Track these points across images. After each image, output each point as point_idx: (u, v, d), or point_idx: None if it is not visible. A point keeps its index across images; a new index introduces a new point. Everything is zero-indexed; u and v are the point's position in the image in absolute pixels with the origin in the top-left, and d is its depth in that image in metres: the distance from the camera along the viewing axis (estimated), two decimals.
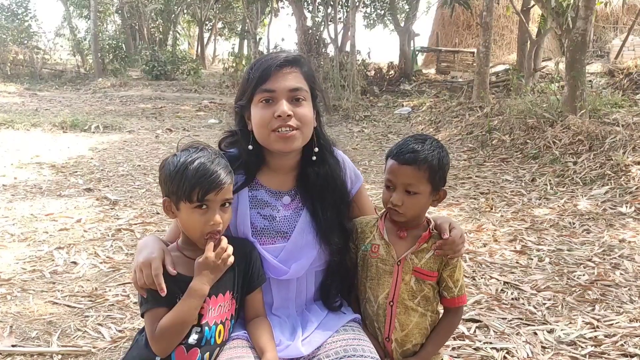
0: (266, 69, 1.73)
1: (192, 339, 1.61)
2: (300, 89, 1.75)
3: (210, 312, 1.64)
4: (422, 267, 1.79)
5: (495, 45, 20.00)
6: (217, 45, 35.77)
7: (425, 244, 1.79)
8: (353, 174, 1.98)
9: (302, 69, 1.79)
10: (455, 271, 1.81)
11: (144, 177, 6.84)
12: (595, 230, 4.72)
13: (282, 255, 1.79)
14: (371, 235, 1.87)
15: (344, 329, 1.79)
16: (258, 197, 1.84)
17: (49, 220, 4.93)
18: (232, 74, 19.77)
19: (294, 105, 1.73)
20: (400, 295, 1.79)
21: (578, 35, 7.99)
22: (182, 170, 1.60)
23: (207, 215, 1.61)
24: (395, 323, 1.80)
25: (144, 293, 1.61)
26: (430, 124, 10.96)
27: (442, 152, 1.78)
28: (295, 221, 1.83)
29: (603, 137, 6.87)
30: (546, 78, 13.46)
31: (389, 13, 21.41)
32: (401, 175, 1.75)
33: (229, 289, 1.70)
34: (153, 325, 1.58)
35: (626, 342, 2.88)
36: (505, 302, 3.39)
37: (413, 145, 1.76)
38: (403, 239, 1.82)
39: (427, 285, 1.80)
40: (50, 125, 10.50)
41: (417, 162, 1.73)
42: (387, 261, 1.81)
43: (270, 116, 1.72)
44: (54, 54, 25.13)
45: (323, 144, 1.87)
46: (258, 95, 1.74)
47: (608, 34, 18.37)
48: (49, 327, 3.06)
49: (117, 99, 15.92)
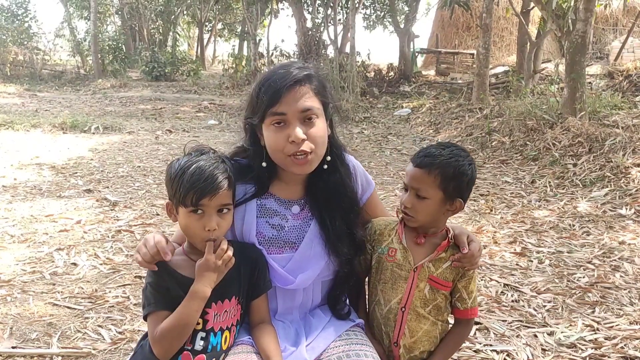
0: (277, 91, 1.68)
1: (198, 345, 1.60)
2: (312, 107, 1.70)
3: (215, 317, 1.63)
4: (438, 277, 1.78)
5: (495, 47, 20.02)
6: (216, 46, 35.86)
7: (443, 253, 1.78)
8: (365, 180, 1.95)
9: (312, 85, 1.73)
10: (470, 282, 1.81)
11: (144, 178, 6.83)
12: (595, 233, 4.72)
13: (289, 265, 1.77)
14: (389, 239, 1.85)
15: (346, 334, 1.78)
16: (267, 206, 1.81)
17: (48, 222, 4.93)
18: (232, 75, 19.79)
19: (306, 126, 1.69)
20: (413, 302, 1.78)
21: (578, 37, 8.00)
22: (180, 174, 1.60)
23: (202, 221, 1.59)
24: (405, 329, 1.79)
25: (154, 267, 1.61)
26: (430, 126, 10.97)
27: (462, 161, 1.73)
28: (304, 231, 1.81)
29: (603, 139, 6.87)
30: (546, 80, 13.46)
31: (389, 14, 21.44)
32: (412, 177, 1.75)
33: (235, 294, 1.68)
34: (155, 328, 1.57)
35: (626, 345, 2.88)
36: (505, 304, 3.39)
37: (432, 150, 1.75)
38: (420, 245, 1.80)
39: (440, 295, 1.79)
40: (50, 126, 10.49)
41: (429, 167, 1.72)
42: (404, 266, 1.79)
43: (285, 141, 1.67)
44: (54, 54, 25.17)
45: (336, 153, 1.84)
46: (269, 118, 1.70)
47: (608, 35, 18.37)
48: (49, 328, 3.06)
49: (117, 100, 15.92)
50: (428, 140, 9.76)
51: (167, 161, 7.85)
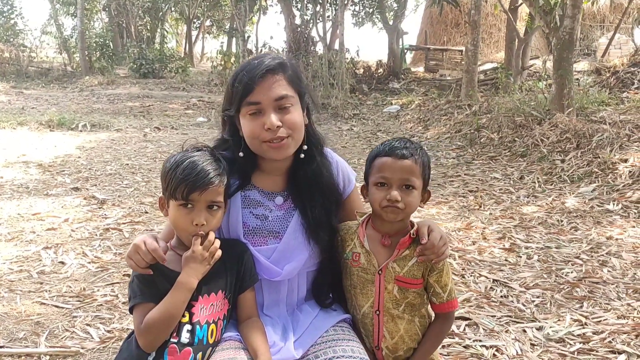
0: (250, 81, 1.70)
1: (184, 337, 1.61)
2: (286, 96, 1.72)
3: (201, 310, 1.64)
4: (404, 276, 1.74)
5: (484, 44, 20.11)
6: (205, 43, 35.71)
7: (406, 250, 1.75)
8: (346, 178, 1.96)
9: (286, 74, 1.76)
10: (442, 276, 1.75)
11: (132, 176, 6.80)
12: (583, 228, 4.75)
13: (274, 257, 1.79)
14: (352, 243, 1.83)
15: (334, 329, 1.78)
16: (251, 197, 1.84)
17: (36, 220, 4.89)
18: (221, 72, 19.71)
19: (281, 113, 1.71)
20: (385, 305, 1.76)
21: (565, 33, 8.04)
22: (173, 168, 1.63)
23: (191, 215, 1.61)
24: (384, 332, 1.77)
25: (149, 272, 1.61)
26: (419, 122, 10.99)
27: (424, 150, 1.80)
28: (287, 221, 1.82)
29: (590, 135, 6.91)
30: (534, 76, 13.54)
31: (378, 11, 21.46)
32: (399, 170, 1.71)
33: (221, 289, 1.70)
34: (140, 319, 1.59)
35: (614, 339, 2.90)
36: (495, 299, 3.41)
37: (401, 143, 1.76)
38: (387, 246, 1.77)
39: (410, 293, 1.75)
40: (36, 123, 10.41)
41: (413, 156, 1.72)
42: (369, 270, 1.77)
43: (260, 128, 1.70)
44: (41, 52, 24.97)
45: (313, 142, 1.86)
46: (245, 108, 1.73)
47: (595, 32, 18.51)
48: (37, 327, 3.03)
49: (105, 97, 15.81)
50: (417, 137, 9.77)
51: (155, 159, 7.83)
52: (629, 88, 10.37)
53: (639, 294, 3.45)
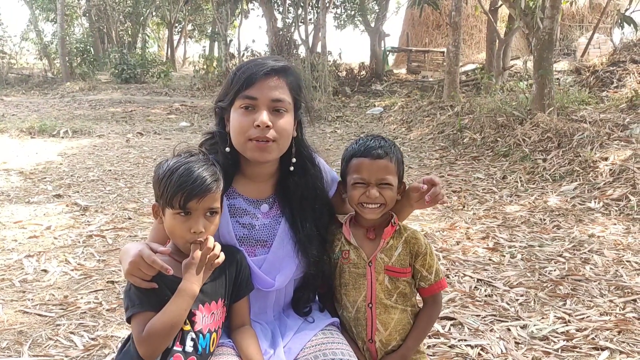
0: (252, 75, 1.70)
1: (188, 346, 1.58)
2: (283, 100, 1.72)
3: (203, 319, 1.61)
4: (393, 265, 1.81)
5: (465, 45, 20.23)
6: (187, 47, 35.63)
7: (391, 240, 1.82)
8: (330, 178, 1.97)
9: (288, 79, 1.76)
10: (426, 259, 1.83)
11: (115, 182, 6.75)
12: (565, 226, 4.80)
13: (264, 267, 1.78)
14: (339, 243, 1.88)
15: (322, 332, 1.79)
16: (236, 206, 1.82)
17: (17, 228, 4.83)
18: (203, 76, 19.66)
19: (274, 115, 1.71)
20: (378, 296, 1.80)
21: (545, 34, 8.12)
22: (168, 175, 1.58)
23: (189, 223, 1.57)
24: (377, 324, 1.81)
25: (154, 285, 1.56)
26: (402, 124, 11.04)
27: (397, 147, 1.86)
28: (274, 229, 1.82)
29: (571, 134, 6.99)
30: (515, 76, 13.64)
31: (359, 14, 21.54)
32: (375, 170, 1.77)
33: (221, 297, 1.67)
34: (140, 328, 1.53)
35: (597, 336, 2.93)
36: (479, 299, 3.43)
37: (376, 142, 1.81)
38: (372, 240, 1.84)
39: (401, 283, 1.82)
40: (17, 130, 10.30)
41: (388, 155, 1.79)
42: (359, 264, 1.83)
43: (250, 124, 1.69)
44: (20, 58, 24.63)
45: (305, 155, 1.87)
46: (239, 101, 1.71)
47: (574, 32, 18.68)
48: (20, 336, 3.00)
49: (86, 103, 15.68)
50: (401, 138, 9.80)
51: (138, 164, 7.78)
52: (609, 87, 10.47)
53: (620, 291, 3.50)
